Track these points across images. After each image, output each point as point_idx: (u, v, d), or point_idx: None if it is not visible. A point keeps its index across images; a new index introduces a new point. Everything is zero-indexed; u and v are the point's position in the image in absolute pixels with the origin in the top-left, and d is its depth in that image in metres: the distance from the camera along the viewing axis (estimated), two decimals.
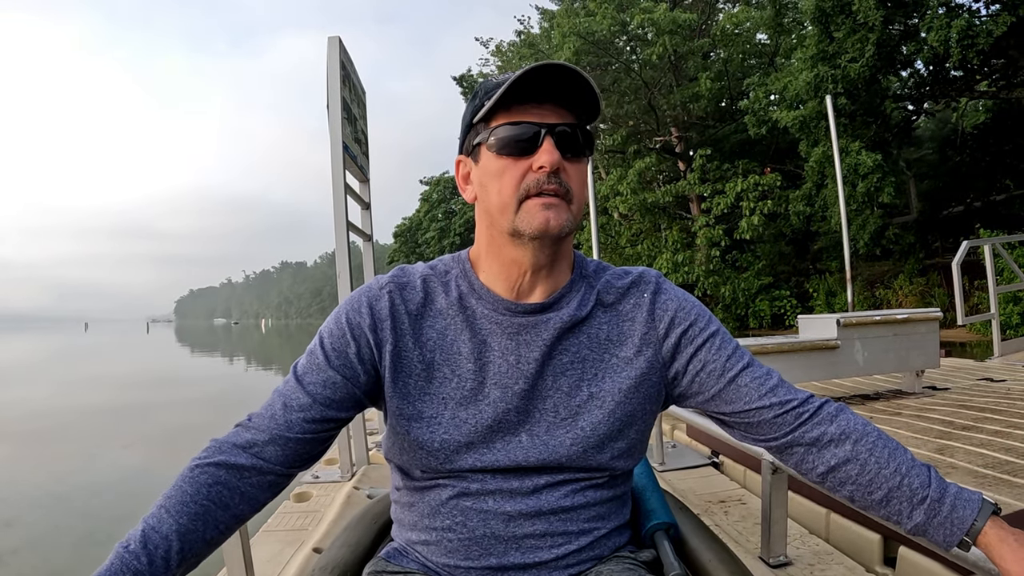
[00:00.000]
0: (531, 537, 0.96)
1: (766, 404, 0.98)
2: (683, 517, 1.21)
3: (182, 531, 0.83)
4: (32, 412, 10.87)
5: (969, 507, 0.89)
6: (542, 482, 0.97)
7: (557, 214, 0.93)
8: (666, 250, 21.49)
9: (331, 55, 3.15)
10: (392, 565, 1.03)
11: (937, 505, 0.90)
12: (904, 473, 0.92)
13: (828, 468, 0.96)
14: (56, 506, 5.74)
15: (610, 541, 1.03)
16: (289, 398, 0.96)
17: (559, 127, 0.93)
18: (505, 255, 0.99)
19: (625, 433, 1.00)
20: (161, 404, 11.89)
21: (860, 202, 15.59)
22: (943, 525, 0.90)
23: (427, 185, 42.39)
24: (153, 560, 0.80)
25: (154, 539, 0.81)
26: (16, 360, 28.21)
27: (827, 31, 15.27)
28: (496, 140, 0.94)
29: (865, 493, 0.95)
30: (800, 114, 15.81)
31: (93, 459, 7.58)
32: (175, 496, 0.86)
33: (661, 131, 23.33)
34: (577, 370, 1.00)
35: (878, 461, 0.94)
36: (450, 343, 1.00)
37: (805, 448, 0.98)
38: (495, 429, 0.97)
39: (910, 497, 0.91)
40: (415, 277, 1.04)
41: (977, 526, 0.88)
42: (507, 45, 28.16)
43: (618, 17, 20.57)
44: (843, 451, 0.95)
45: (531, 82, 0.91)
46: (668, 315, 1.03)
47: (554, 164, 0.92)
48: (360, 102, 3.71)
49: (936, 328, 4.37)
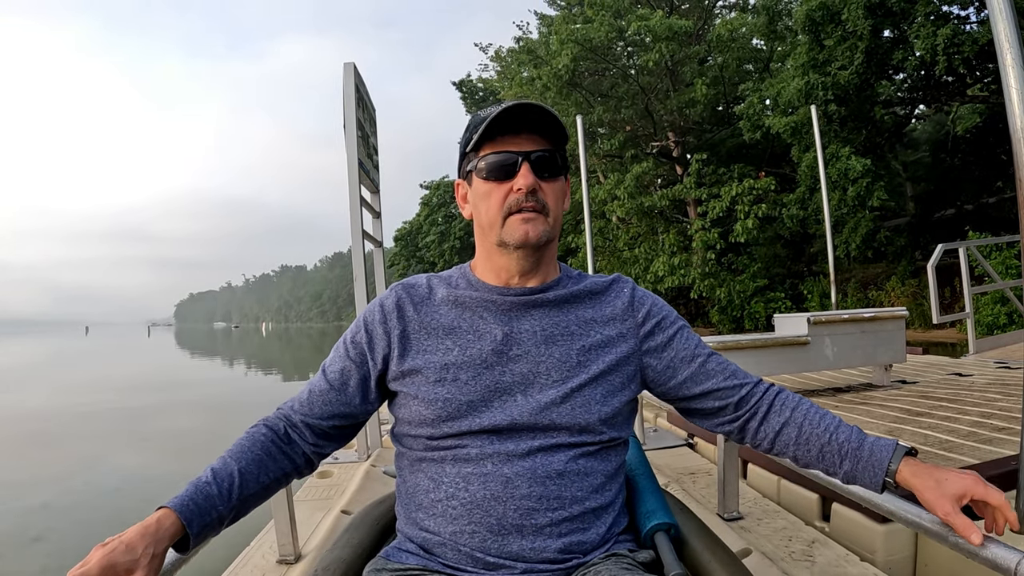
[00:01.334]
0: (528, 499, 1.04)
1: (730, 384, 1.18)
2: (683, 518, 1.26)
3: (243, 471, 1.06)
4: (79, 415, 11.07)
5: (886, 450, 1.07)
6: (536, 444, 1.07)
7: (535, 226, 1.11)
8: (663, 253, 21.73)
9: (346, 80, 3.50)
10: (392, 563, 1.11)
11: (858, 452, 1.08)
12: (832, 431, 1.11)
13: (775, 434, 1.15)
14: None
15: (601, 520, 1.11)
16: (314, 385, 1.18)
17: (534, 153, 1.11)
18: (496, 262, 1.17)
19: (610, 401, 1.12)
20: (187, 405, 12.21)
21: (851, 206, 15.93)
22: (866, 469, 1.07)
23: (427, 189, 42.56)
24: (221, 489, 1.02)
25: (221, 474, 1.04)
26: (26, 364, 28.23)
27: (817, 39, 15.62)
28: (483, 167, 1.12)
29: (804, 452, 1.13)
30: (792, 120, 16.15)
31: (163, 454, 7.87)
32: (235, 448, 1.10)
33: (658, 136, 23.53)
34: (567, 340, 1.14)
35: (811, 423, 1.13)
36: (451, 321, 1.16)
37: (758, 422, 1.17)
38: (492, 389, 1.10)
39: (838, 450, 1.10)
40: (421, 278, 1.23)
41: (893, 467, 1.05)
42: (506, 51, 28.46)
43: (615, 24, 20.78)
44: (783, 418, 1.15)
45: (512, 116, 1.09)
46: (645, 308, 1.21)
47: (530, 186, 1.09)
48: (371, 120, 4.07)
49: (902, 326, 4.72)
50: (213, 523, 1.00)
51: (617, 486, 1.16)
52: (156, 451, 8.10)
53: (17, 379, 20.10)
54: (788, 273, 22.09)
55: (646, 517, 1.20)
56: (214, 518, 1.00)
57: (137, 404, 12.38)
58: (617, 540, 1.14)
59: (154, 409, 11.70)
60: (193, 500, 0.98)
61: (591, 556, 1.08)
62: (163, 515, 0.95)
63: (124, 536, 0.90)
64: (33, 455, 7.98)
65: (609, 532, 1.12)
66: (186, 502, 0.97)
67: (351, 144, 3.38)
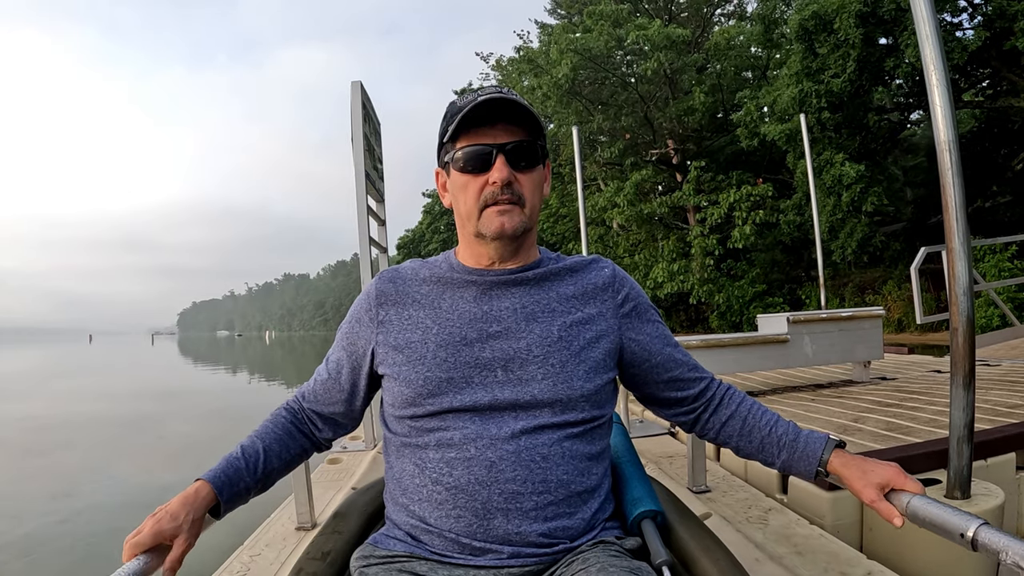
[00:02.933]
0: (512, 482, 1.05)
1: (692, 376, 1.25)
2: (670, 505, 1.28)
3: (267, 449, 1.19)
4: (96, 420, 11.31)
5: (818, 443, 1.17)
6: (519, 427, 1.07)
7: (511, 218, 1.11)
8: (662, 260, 21.98)
9: (354, 98, 3.78)
10: (380, 549, 1.12)
11: (794, 444, 1.18)
12: (772, 425, 1.21)
13: (720, 425, 1.25)
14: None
15: (586, 504, 1.11)
16: (318, 374, 1.27)
17: (509, 145, 1.10)
18: (476, 250, 1.19)
19: (592, 378, 1.13)
20: (202, 412, 12.49)
21: (845, 211, 16.20)
22: (801, 459, 1.17)
23: (429, 197, 42.90)
24: (248, 463, 1.15)
25: (249, 451, 1.17)
26: (35, 371, 28.39)
27: (811, 48, 15.93)
28: (459, 159, 1.12)
29: (746, 443, 1.23)
30: (787, 128, 16.44)
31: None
32: (261, 429, 1.23)
33: (657, 143, 23.75)
34: (547, 317, 1.15)
35: (754, 417, 1.23)
36: (432, 302, 1.18)
37: (710, 414, 1.26)
38: (472, 365, 1.11)
39: (776, 442, 1.20)
40: (407, 265, 1.26)
41: (825, 457, 1.15)
42: (507, 61, 28.75)
43: (614, 33, 21.02)
44: (728, 411, 1.24)
45: (487, 107, 1.08)
46: (625, 289, 1.23)
47: (504, 179, 1.09)
48: (376, 133, 4.35)
49: (879, 324, 4.98)
50: (241, 492, 1.13)
51: (602, 470, 1.17)
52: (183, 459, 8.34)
53: (45, 388, 20.14)
54: (786, 278, 22.32)
55: (633, 504, 1.21)
56: (241, 488, 1.13)
57: (159, 411, 12.67)
58: (604, 527, 1.14)
59: (179, 416, 11.99)
60: (224, 473, 1.11)
61: (578, 542, 1.08)
62: (200, 486, 1.08)
63: (168, 506, 1.04)
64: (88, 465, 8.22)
65: (595, 518, 1.12)
66: (219, 474, 1.10)
67: (358, 157, 3.65)
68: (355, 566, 1.11)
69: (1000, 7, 14.21)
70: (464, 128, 1.11)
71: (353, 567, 1.11)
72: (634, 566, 1.02)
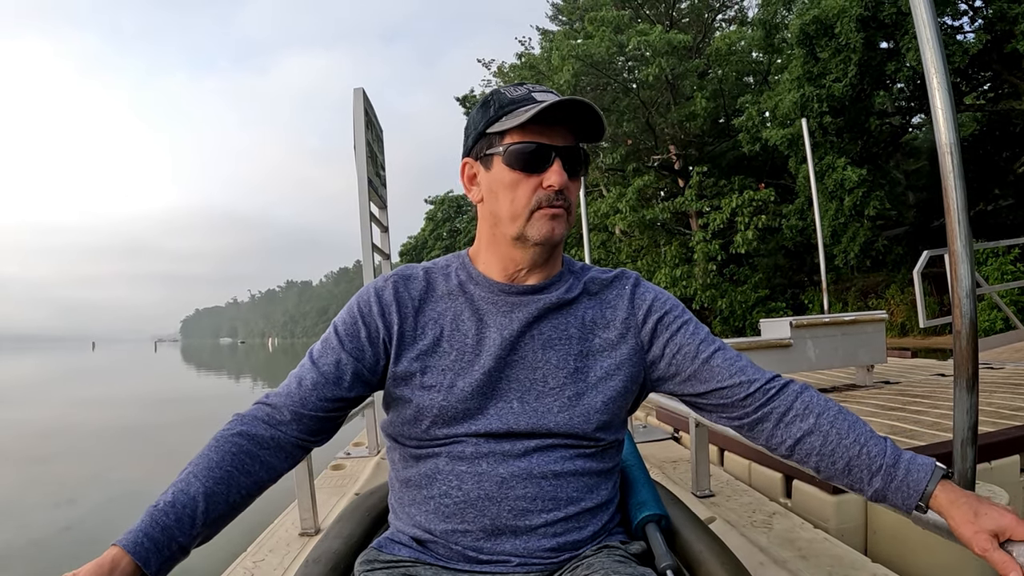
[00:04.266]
0: (522, 499, 1.01)
1: (736, 382, 1.07)
2: (674, 509, 1.25)
3: (208, 493, 0.92)
4: (114, 428, 11.34)
5: (922, 471, 0.97)
6: (532, 445, 1.04)
7: (559, 224, 1.06)
8: (665, 265, 21.96)
9: (356, 105, 3.80)
10: (384, 554, 1.08)
11: (892, 471, 0.98)
12: (863, 443, 1.00)
13: (795, 441, 1.04)
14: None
15: (596, 518, 1.08)
16: (304, 378, 1.07)
17: (567, 149, 1.05)
18: (504, 253, 1.10)
19: (608, 408, 1.07)
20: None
21: (848, 215, 16.20)
22: (899, 489, 0.97)
23: (432, 204, 42.92)
24: (181, 518, 0.89)
25: (182, 500, 0.90)
26: (43, 380, 28.42)
27: (812, 52, 15.95)
28: (511, 155, 1.04)
29: (828, 463, 1.02)
30: (788, 132, 16.45)
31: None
32: (202, 463, 0.95)
33: (659, 149, 23.76)
34: (565, 345, 1.09)
35: (839, 433, 1.01)
36: (450, 321, 1.10)
37: (773, 424, 1.06)
38: (488, 395, 1.06)
39: (868, 465, 0.99)
40: (418, 270, 1.15)
41: (929, 489, 0.95)
42: (508, 67, 28.78)
43: (615, 39, 21.02)
44: (807, 425, 1.03)
45: (558, 108, 1.02)
46: (646, 304, 1.14)
47: (562, 184, 1.03)
48: (379, 139, 4.36)
49: (882, 328, 4.98)
50: (175, 554, 0.89)
51: (612, 484, 1.14)
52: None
53: (52, 396, 20.18)
54: (789, 283, 22.30)
55: (637, 508, 1.20)
56: (175, 550, 0.89)
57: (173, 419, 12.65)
58: (609, 532, 1.12)
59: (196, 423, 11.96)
60: (148, 536, 0.86)
61: (583, 549, 1.06)
62: (116, 555, 0.84)
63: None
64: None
65: (604, 529, 1.10)
66: (140, 539, 0.85)
67: (361, 163, 3.67)
68: (359, 571, 1.07)
69: (1000, 10, 14.23)
70: (521, 123, 1.03)
71: (357, 572, 1.07)
72: (639, 572, 0.99)
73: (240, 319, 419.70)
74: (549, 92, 1.06)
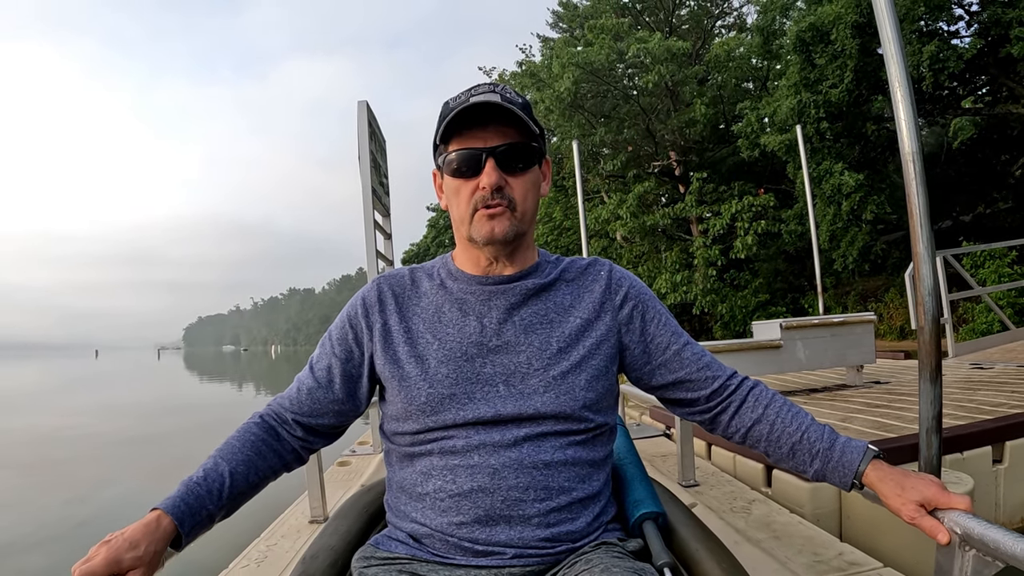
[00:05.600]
0: (515, 489, 1.04)
1: (703, 376, 1.18)
2: (671, 507, 1.28)
3: (233, 472, 1.08)
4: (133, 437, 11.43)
5: (855, 452, 1.09)
6: (522, 434, 1.07)
7: (500, 222, 1.09)
8: (665, 271, 22.06)
9: (360, 117, 3.97)
10: (380, 551, 1.11)
11: (829, 453, 1.10)
12: (804, 430, 1.13)
13: (747, 429, 1.16)
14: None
15: (589, 509, 1.11)
16: (302, 382, 1.19)
17: (500, 148, 1.08)
18: (471, 252, 1.17)
19: (592, 386, 1.11)
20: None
21: (846, 220, 16.35)
22: (836, 470, 1.10)
23: (434, 212, 43.09)
24: (211, 490, 1.05)
25: (212, 475, 1.06)
26: (51, 387, 28.48)
27: (809, 59, 16.13)
28: (450, 163, 1.10)
29: (775, 448, 1.15)
30: (786, 138, 16.61)
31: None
32: (227, 448, 1.12)
33: (660, 155, 23.86)
34: (546, 328, 1.13)
35: (783, 421, 1.14)
36: (432, 315, 1.16)
37: (730, 416, 1.18)
38: (474, 381, 1.09)
39: (809, 449, 1.12)
40: (403, 271, 1.23)
41: (861, 468, 1.07)
42: (509, 75, 28.94)
43: (615, 47, 21.15)
44: (756, 414, 1.16)
45: (477, 110, 1.06)
46: (623, 289, 1.20)
47: (493, 184, 1.07)
48: (382, 150, 4.53)
49: (871, 329, 5.12)
50: (204, 521, 1.04)
51: (604, 475, 1.17)
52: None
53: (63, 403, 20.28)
54: (789, 288, 22.38)
55: (634, 506, 1.22)
56: (204, 517, 1.03)
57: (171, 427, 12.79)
58: (606, 529, 1.14)
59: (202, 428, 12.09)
60: (184, 501, 1.01)
61: (580, 543, 1.08)
62: (159, 515, 0.98)
63: (126, 533, 0.94)
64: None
65: (597, 520, 1.12)
66: (178, 503, 1.00)
67: (365, 174, 3.83)
68: (356, 567, 1.10)
69: (995, 15, 14.40)
70: (457, 130, 1.09)
71: (354, 568, 1.11)
72: (637, 567, 1.02)
73: (243, 327, 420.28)
74: (489, 92, 1.09)
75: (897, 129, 2.37)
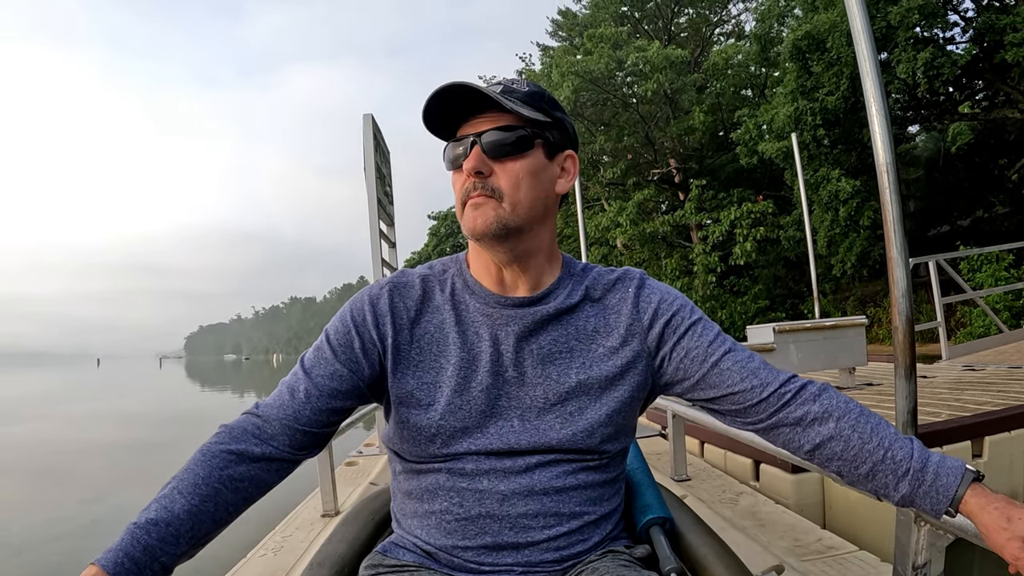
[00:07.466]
0: (524, 516, 0.99)
1: (748, 387, 1.01)
2: (679, 512, 1.24)
3: (193, 511, 0.88)
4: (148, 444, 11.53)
5: (952, 475, 0.92)
6: (534, 462, 1.01)
7: (482, 213, 0.98)
8: (665, 278, 22.16)
9: (365, 130, 4.12)
10: (388, 558, 1.06)
11: (920, 475, 0.92)
12: (887, 447, 0.95)
13: (814, 446, 0.99)
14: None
15: (600, 528, 1.05)
16: (296, 389, 1.01)
17: (486, 133, 0.99)
18: (481, 256, 1.07)
19: (613, 419, 1.03)
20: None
21: (843, 226, 16.52)
22: (928, 495, 0.92)
23: (435, 220, 43.24)
24: (164, 538, 0.84)
25: (165, 517, 0.86)
26: (60, 395, 28.55)
27: (805, 67, 16.35)
28: (446, 156, 1.04)
29: (851, 468, 0.97)
30: (784, 145, 16.79)
31: None
32: (187, 478, 0.90)
33: (659, 163, 24.03)
34: (565, 359, 1.04)
35: (861, 437, 0.96)
36: (445, 335, 1.05)
37: (790, 428, 1.00)
38: (488, 414, 1.01)
39: (894, 469, 0.94)
40: (414, 277, 1.09)
41: (959, 494, 0.91)
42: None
43: (614, 55, 21.35)
44: (827, 429, 0.98)
45: (463, 98, 0.99)
46: (652, 307, 1.07)
47: (470, 170, 0.98)
48: (386, 160, 4.68)
49: (862, 332, 5.26)
50: (157, 574, 0.85)
51: (616, 493, 1.11)
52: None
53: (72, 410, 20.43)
54: (789, 293, 22.51)
55: (641, 512, 1.18)
56: (156, 570, 0.85)
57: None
58: (613, 538, 1.09)
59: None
60: (128, 556, 0.82)
61: (587, 556, 1.04)
62: (97, 574, 0.80)
63: None
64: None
65: (608, 536, 1.07)
66: (120, 559, 0.82)
67: (371, 184, 3.99)
68: (364, 575, 1.05)
69: (989, 21, 14.61)
70: (458, 123, 1.03)
71: (362, 575, 1.06)
72: (643, 575, 0.99)
73: (244, 335, 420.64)
74: (493, 85, 1.01)
75: (872, 142, 2.52)
